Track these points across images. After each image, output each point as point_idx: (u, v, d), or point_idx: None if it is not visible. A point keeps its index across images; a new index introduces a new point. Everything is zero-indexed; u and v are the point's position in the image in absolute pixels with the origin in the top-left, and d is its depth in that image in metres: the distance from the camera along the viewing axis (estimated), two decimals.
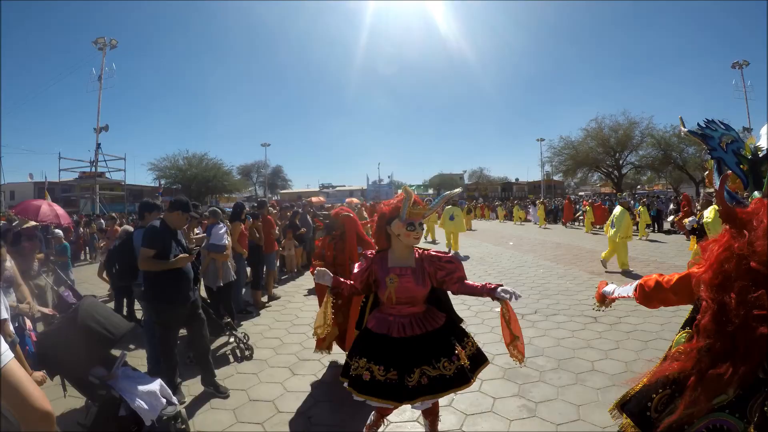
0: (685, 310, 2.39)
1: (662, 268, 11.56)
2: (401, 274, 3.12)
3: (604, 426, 3.96)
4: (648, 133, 45.37)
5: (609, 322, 6.89)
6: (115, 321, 3.91)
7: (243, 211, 8.21)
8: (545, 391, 4.65)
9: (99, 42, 35.52)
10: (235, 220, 7.92)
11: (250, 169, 69.95)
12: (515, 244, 18.75)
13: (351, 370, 3.09)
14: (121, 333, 3.84)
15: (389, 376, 2.95)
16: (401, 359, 2.98)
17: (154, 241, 4.54)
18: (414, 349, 3.01)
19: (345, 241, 5.01)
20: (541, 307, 7.91)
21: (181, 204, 4.80)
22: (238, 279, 7.57)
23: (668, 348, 2.40)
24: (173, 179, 53.57)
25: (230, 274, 6.89)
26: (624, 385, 3.99)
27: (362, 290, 3.32)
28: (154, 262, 4.51)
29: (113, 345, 3.87)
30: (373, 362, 3.01)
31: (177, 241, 4.77)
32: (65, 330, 3.62)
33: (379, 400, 2.96)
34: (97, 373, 3.66)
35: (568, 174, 54.54)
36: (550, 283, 10.12)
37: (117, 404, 3.59)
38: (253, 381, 5.15)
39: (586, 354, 5.61)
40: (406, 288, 3.09)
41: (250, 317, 7.88)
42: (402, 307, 3.14)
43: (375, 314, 3.27)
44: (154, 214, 5.56)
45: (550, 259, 13.94)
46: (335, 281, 3.25)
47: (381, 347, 3.05)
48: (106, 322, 3.74)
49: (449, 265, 3.19)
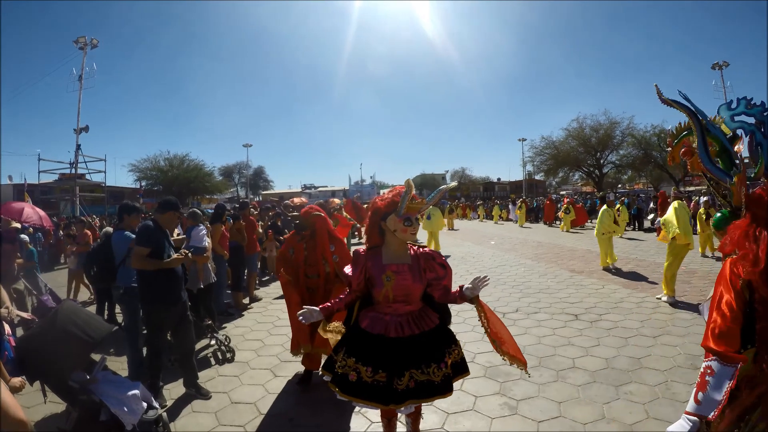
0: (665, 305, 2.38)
1: (642, 266, 11.70)
2: (398, 271, 3.04)
3: (584, 422, 4.00)
4: (629, 132, 45.79)
5: (590, 319, 6.96)
6: (95, 324, 3.86)
7: (224, 213, 8.17)
8: (526, 388, 4.68)
9: (80, 41, 34.88)
10: (216, 221, 7.89)
11: (232, 169, 69.20)
12: (497, 243, 18.85)
13: (336, 367, 3.03)
14: (101, 336, 3.79)
15: (377, 377, 2.88)
16: (393, 361, 2.90)
17: (148, 240, 4.54)
18: (407, 351, 2.94)
19: (316, 240, 4.93)
20: (522, 306, 7.97)
21: (173, 204, 4.84)
22: (218, 281, 7.53)
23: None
24: (154, 181, 53.04)
25: (210, 276, 6.85)
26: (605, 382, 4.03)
27: (362, 292, 3.23)
28: (148, 261, 4.49)
29: (93, 349, 3.83)
30: (361, 363, 2.93)
31: (169, 241, 4.78)
32: (44, 334, 3.57)
33: (364, 401, 2.91)
34: (78, 378, 3.61)
35: (549, 173, 54.94)
36: (532, 282, 10.20)
37: (98, 409, 3.56)
38: (235, 383, 5.12)
39: (567, 351, 5.66)
40: (404, 285, 3.02)
41: (231, 319, 7.84)
42: (399, 306, 3.05)
43: (368, 313, 3.16)
44: (133, 216, 5.52)
45: (531, 258, 14.04)
46: (326, 311, 3.17)
47: (374, 348, 2.96)
48: (85, 326, 3.69)
49: (441, 270, 3.13)
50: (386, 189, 17.82)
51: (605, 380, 4.81)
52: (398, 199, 3.03)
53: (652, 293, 8.52)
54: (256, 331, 7.07)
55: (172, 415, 4.39)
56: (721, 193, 2.25)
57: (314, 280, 4.88)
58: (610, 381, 4.78)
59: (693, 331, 6.24)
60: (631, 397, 4.43)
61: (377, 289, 3.05)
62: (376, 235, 3.15)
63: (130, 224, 5.50)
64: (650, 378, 4.82)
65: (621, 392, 4.53)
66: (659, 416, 4.03)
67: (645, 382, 4.74)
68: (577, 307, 7.76)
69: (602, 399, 4.40)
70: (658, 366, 5.11)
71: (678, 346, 5.70)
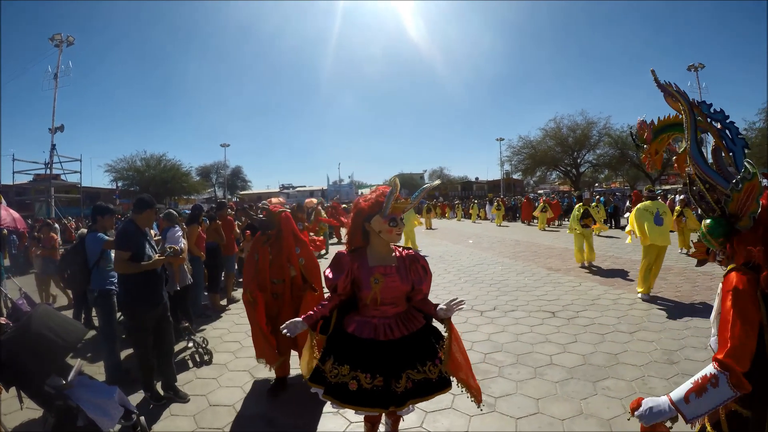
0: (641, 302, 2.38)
1: (619, 263, 11.84)
2: (386, 273, 2.97)
3: (562, 418, 4.03)
4: (605, 132, 46.25)
5: (567, 316, 7.01)
6: (70, 328, 3.80)
7: (200, 214, 8.09)
8: (504, 386, 4.70)
9: (56, 39, 34.29)
10: (192, 222, 7.80)
11: (210, 170, 68.43)
12: (474, 242, 18.91)
13: (329, 377, 2.90)
14: (76, 340, 3.74)
15: (375, 383, 2.82)
16: (388, 364, 2.85)
17: (128, 244, 4.49)
18: (400, 353, 2.90)
19: (282, 242, 4.79)
20: (499, 304, 8.00)
21: (148, 202, 4.74)
22: (195, 282, 7.45)
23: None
24: (131, 181, 52.32)
25: (187, 277, 6.78)
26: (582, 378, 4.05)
27: (347, 296, 3.12)
28: (131, 265, 4.45)
29: (68, 353, 3.77)
30: (359, 370, 2.85)
31: (148, 241, 4.73)
32: (19, 339, 3.51)
33: (367, 409, 2.86)
34: (54, 383, 3.55)
35: (527, 173, 55.24)
36: (509, 280, 10.25)
37: (75, 414, 3.49)
38: (213, 386, 5.07)
39: (545, 348, 5.69)
40: (393, 288, 2.96)
41: (208, 321, 7.76)
42: (386, 308, 3.00)
43: (353, 318, 3.08)
44: (107, 217, 5.46)
45: (508, 257, 14.12)
46: (309, 320, 3.00)
47: (367, 353, 2.89)
48: (60, 330, 3.63)
49: (422, 273, 3.09)
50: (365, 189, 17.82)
51: (582, 376, 4.84)
52: (383, 200, 2.96)
53: (628, 290, 8.62)
54: (234, 333, 7.00)
55: (150, 419, 4.32)
56: (714, 198, 2.18)
57: (279, 286, 4.75)
58: (587, 377, 4.82)
59: (669, 326, 6.33)
60: (608, 392, 4.47)
61: (365, 292, 2.97)
62: (360, 237, 3.08)
63: (104, 226, 5.44)
64: (627, 373, 4.87)
65: (598, 388, 4.57)
66: None
67: (622, 377, 4.78)
68: (554, 304, 7.82)
69: (580, 395, 4.44)
70: (635, 361, 5.17)
71: (654, 341, 5.77)
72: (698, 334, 5.96)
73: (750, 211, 1.97)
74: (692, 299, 7.87)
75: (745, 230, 2.00)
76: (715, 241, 2.10)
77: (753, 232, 1.98)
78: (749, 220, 1.98)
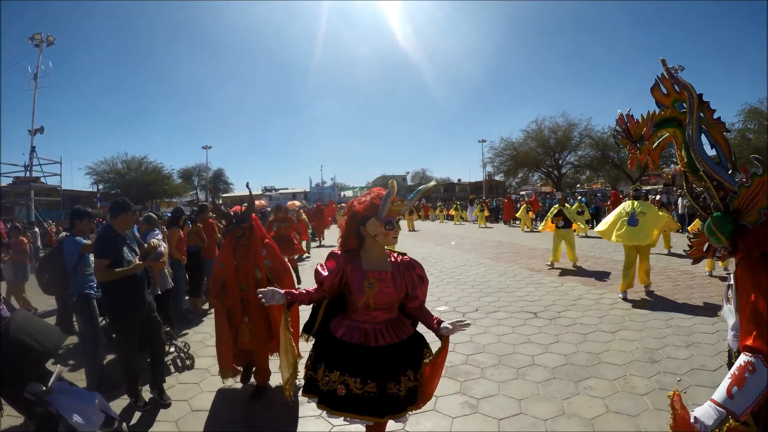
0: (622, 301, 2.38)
1: (600, 263, 11.95)
2: (381, 278, 2.85)
3: (545, 418, 4.05)
4: (586, 134, 46.79)
5: (549, 317, 7.05)
6: (48, 333, 3.74)
7: (181, 217, 8.02)
8: (486, 387, 4.71)
9: (35, 38, 33.77)
10: (173, 226, 7.72)
11: (191, 172, 67.89)
12: (457, 244, 18.98)
13: (321, 386, 2.78)
14: (56, 346, 3.69)
15: (367, 389, 2.68)
16: (381, 369, 2.74)
17: (107, 251, 4.43)
18: (391, 360, 2.78)
19: (249, 246, 4.66)
20: (482, 305, 8.02)
21: (123, 205, 4.67)
22: (177, 286, 7.39)
23: None
24: (112, 184, 51.85)
25: (167, 281, 6.71)
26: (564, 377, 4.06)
27: (331, 295, 2.98)
28: (111, 272, 4.39)
29: (48, 359, 3.72)
30: (348, 374, 2.72)
31: (128, 245, 4.68)
32: None
33: (359, 416, 2.70)
34: (33, 390, 3.49)
35: (509, 174, 55.61)
36: (491, 281, 10.29)
37: (55, 421, 3.44)
38: (195, 390, 5.02)
39: (527, 349, 5.71)
40: (387, 293, 2.83)
41: (190, 325, 7.69)
42: (378, 314, 2.86)
43: (342, 321, 2.94)
44: (84, 221, 5.40)
45: (491, 258, 14.18)
46: (289, 297, 2.89)
47: (357, 358, 2.76)
48: (39, 335, 3.58)
49: (418, 280, 2.97)
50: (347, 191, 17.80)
51: (565, 376, 4.87)
52: (378, 202, 2.83)
53: (609, 290, 8.69)
54: (215, 337, 6.91)
55: (132, 425, 4.29)
56: (720, 195, 2.16)
57: (245, 292, 4.62)
58: (569, 377, 4.84)
59: (650, 325, 6.39)
60: (590, 391, 4.50)
61: (357, 296, 2.83)
62: (354, 241, 2.94)
63: (82, 229, 5.37)
64: (609, 372, 4.90)
65: (580, 387, 4.59)
66: (619, 410, 4.11)
67: (604, 376, 4.81)
68: (536, 305, 7.86)
69: (562, 395, 4.46)
70: (617, 360, 5.20)
71: (636, 340, 5.82)
72: (679, 333, 6.02)
73: (759, 207, 1.99)
74: (673, 298, 7.95)
75: (755, 226, 2.02)
76: (724, 236, 2.10)
77: (764, 226, 2.00)
78: (758, 215, 2.00)
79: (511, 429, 3.93)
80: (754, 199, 1.99)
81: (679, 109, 2.27)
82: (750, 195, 2.01)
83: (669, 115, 2.29)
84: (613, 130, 2.52)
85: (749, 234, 2.05)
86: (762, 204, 1.97)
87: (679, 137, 2.27)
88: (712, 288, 8.57)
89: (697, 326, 6.28)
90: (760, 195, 1.98)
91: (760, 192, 1.98)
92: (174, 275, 7.15)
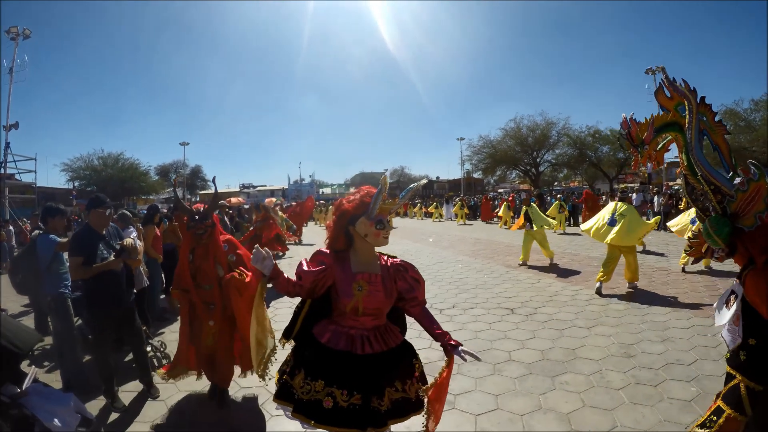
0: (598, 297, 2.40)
1: (576, 260, 12.06)
2: (371, 281, 2.71)
3: (522, 413, 4.07)
4: (564, 132, 46.98)
5: (525, 313, 7.10)
6: (22, 334, 3.68)
7: (157, 214, 7.92)
8: (463, 383, 4.73)
9: (11, 32, 33.06)
10: (148, 223, 7.62)
11: (169, 169, 66.71)
12: (435, 241, 19.08)
13: (299, 393, 2.62)
14: (30, 347, 3.63)
15: (353, 401, 2.54)
16: (367, 380, 2.60)
17: (80, 248, 4.39)
18: (378, 369, 2.64)
19: (208, 244, 4.48)
20: (459, 302, 8.06)
21: (97, 201, 4.59)
22: (153, 285, 7.31)
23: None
24: (88, 181, 50.91)
25: (143, 280, 6.64)
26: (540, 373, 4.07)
27: (308, 294, 2.79)
28: (84, 270, 4.35)
29: (22, 360, 3.66)
30: (335, 386, 2.57)
31: (105, 242, 4.61)
32: None
33: (342, 429, 2.52)
34: (8, 392, 3.44)
35: (487, 172, 55.74)
36: (468, 278, 10.35)
37: (30, 423, 3.39)
38: (172, 391, 4.97)
39: (503, 345, 5.75)
40: (376, 298, 2.69)
41: (167, 324, 7.60)
42: (366, 319, 2.72)
43: (327, 326, 2.79)
44: (57, 218, 5.30)
45: (468, 255, 14.26)
46: (276, 272, 2.73)
47: (342, 367, 2.62)
48: (12, 336, 3.51)
49: (413, 281, 2.86)
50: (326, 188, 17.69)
51: (541, 371, 4.90)
52: (368, 200, 2.72)
53: (586, 286, 8.78)
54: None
55: (109, 426, 4.25)
56: (718, 199, 2.17)
57: (209, 292, 4.45)
58: (545, 372, 4.88)
59: (625, 321, 6.47)
60: (566, 386, 4.54)
61: (345, 300, 2.68)
62: (342, 241, 2.81)
63: (55, 227, 5.28)
64: (585, 367, 4.95)
65: (557, 382, 4.63)
66: (595, 404, 4.16)
67: (580, 371, 4.86)
68: (513, 301, 7.91)
69: (538, 390, 4.49)
70: (592, 356, 5.26)
71: (611, 336, 5.89)
72: (654, 328, 6.10)
73: (755, 211, 2.02)
74: (649, 294, 8.05)
75: (751, 229, 2.05)
76: (720, 239, 2.12)
77: (760, 230, 2.03)
78: (754, 219, 2.03)
79: (488, 424, 3.95)
80: (750, 203, 2.03)
81: (682, 112, 2.28)
82: (746, 199, 2.04)
83: (670, 120, 2.32)
84: (618, 133, 2.56)
85: (747, 237, 2.09)
86: (758, 208, 2.01)
87: (680, 141, 2.30)
88: (687, 284, 8.71)
89: (672, 321, 6.37)
90: (756, 199, 2.02)
91: (757, 196, 2.02)
92: (150, 274, 7.06)
